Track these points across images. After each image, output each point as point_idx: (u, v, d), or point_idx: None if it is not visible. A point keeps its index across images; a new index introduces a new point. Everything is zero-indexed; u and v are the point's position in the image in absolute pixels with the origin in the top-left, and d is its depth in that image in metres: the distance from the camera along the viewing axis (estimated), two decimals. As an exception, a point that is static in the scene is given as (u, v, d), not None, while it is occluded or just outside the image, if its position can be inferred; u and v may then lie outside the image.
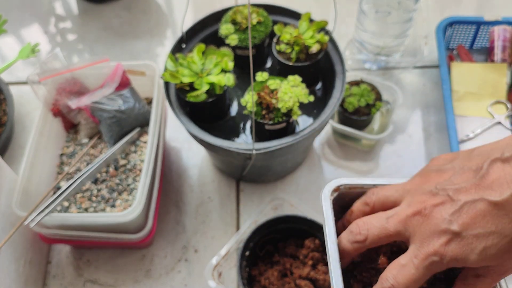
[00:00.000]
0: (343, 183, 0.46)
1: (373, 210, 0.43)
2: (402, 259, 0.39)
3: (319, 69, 0.81)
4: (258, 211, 0.76)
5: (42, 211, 0.68)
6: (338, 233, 0.44)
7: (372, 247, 0.42)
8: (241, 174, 0.83)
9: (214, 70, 0.74)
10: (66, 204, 0.74)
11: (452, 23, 0.97)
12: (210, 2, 1.15)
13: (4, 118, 0.91)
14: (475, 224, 0.36)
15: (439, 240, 0.37)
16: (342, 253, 0.43)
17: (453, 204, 0.37)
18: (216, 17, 0.83)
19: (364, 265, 0.46)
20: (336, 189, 0.46)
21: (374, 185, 0.45)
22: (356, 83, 0.89)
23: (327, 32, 0.80)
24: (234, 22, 0.81)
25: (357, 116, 0.86)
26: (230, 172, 0.87)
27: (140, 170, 0.77)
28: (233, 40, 0.79)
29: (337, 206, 0.46)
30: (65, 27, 1.14)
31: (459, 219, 0.37)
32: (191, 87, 0.74)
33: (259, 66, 0.86)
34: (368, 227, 0.42)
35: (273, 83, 0.73)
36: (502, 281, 0.43)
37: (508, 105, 0.88)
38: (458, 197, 0.37)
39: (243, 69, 0.85)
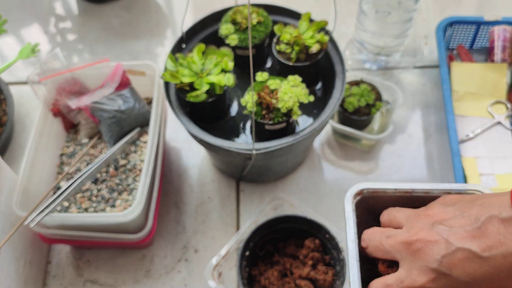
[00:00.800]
0: (365, 187, 0.49)
1: (383, 226, 0.48)
2: (389, 279, 0.43)
3: (319, 69, 0.81)
4: (258, 211, 0.76)
5: (42, 211, 0.68)
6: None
7: (371, 255, 0.46)
8: (241, 174, 0.83)
9: (214, 70, 0.74)
10: (66, 204, 0.74)
11: (452, 23, 0.97)
12: (210, 2, 1.15)
13: (4, 118, 0.91)
14: (463, 271, 0.39)
15: (426, 276, 0.41)
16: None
17: (446, 246, 0.40)
18: (216, 17, 0.83)
19: (366, 266, 0.47)
20: (359, 193, 0.49)
21: (396, 190, 0.48)
22: (356, 83, 0.89)
23: (327, 32, 0.80)
24: (234, 22, 0.81)
25: (357, 116, 0.86)
26: (230, 172, 0.87)
27: (140, 170, 0.77)
28: (233, 40, 0.79)
29: (361, 208, 0.49)
30: (65, 27, 1.14)
31: (449, 262, 0.40)
32: (191, 87, 0.74)
33: (259, 66, 0.86)
34: (370, 238, 0.46)
35: (273, 83, 0.73)
36: None
37: (508, 105, 0.88)
38: (452, 240, 0.40)
39: (243, 69, 0.85)
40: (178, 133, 0.93)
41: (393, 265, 0.45)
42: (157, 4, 1.17)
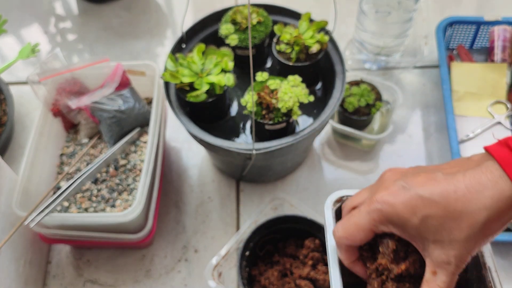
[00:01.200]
0: (345, 194, 0.49)
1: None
2: (353, 210, 0.43)
3: (319, 69, 0.81)
4: (258, 211, 0.76)
5: (42, 211, 0.68)
6: None
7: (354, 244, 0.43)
8: (241, 174, 0.83)
9: (214, 70, 0.74)
10: (66, 204, 0.74)
11: (452, 23, 0.97)
12: (210, 2, 1.15)
13: (4, 118, 0.91)
14: (423, 185, 0.38)
15: (387, 190, 0.40)
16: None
17: (414, 170, 0.41)
18: (216, 17, 0.83)
19: (348, 271, 0.48)
20: (339, 200, 0.49)
21: None
22: (356, 83, 0.89)
23: (327, 32, 0.80)
24: (234, 22, 0.81)
25: (357, 116, 0.86)
26: (230, 172, 0.87)
27: (140, 170, 0.77)
28: (233, 40, 0.79)
29: (341, 215, 0.48)
30: (65, 27, 1.14)
31: (409, 179, 0.39)
32: (191, 87, 0.74)
33: (259, 66, 0.86)
34: (342, 227, 0.44)
35: (273, 83, 0.73)
36: (496, 281, 0.43)
37: (508, 105, 0.88)
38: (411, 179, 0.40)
39: (243, 69, 0.85)
40: (178, 133, 0.93)
41: (374, 249, 0.44)
42: (157, 4, 1.17)
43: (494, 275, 0.43)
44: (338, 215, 0.48)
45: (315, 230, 0.71)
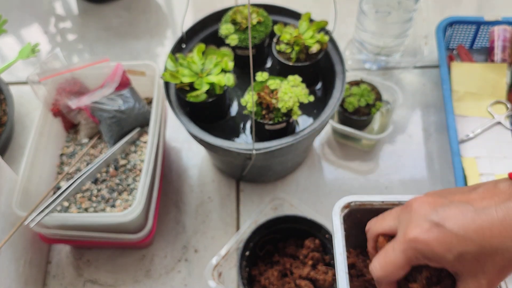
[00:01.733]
0: (353, 200, 0.49)
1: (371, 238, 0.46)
2: (387, 246, 0.42)
3: (319, 69, 0.81)
4: (258, 211, 0.76)
5: (42, 211, 0.68)
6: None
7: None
8: (241, 174, 0.83)
9: (214, 70, 0.74)
10: (66, 204, 0.74)
11: (452, 23, 0.97)
12: (210, 2, 1.15)
13: (4, 118, 0.91)
14: (456, 221, 0.38)
15: (419, 228, 0.39)
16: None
17: (442, 201, 0.40)
18: (216, 17, 0.83)
19: (355, 279, 0.48)
20: (347, 206, 0.49)
21: (383, 202, 0.48)
22: (356, 83, 0.89)
23: (327, 32, 0.80)
24: (234, 22, 0.81)
25: (357, 116, 0.86)
26: (230, 172, 0.87)
27: (140, 170, 0.77)
28: (233, 40, 0.79)
29: (349, 222, 0.49)
30: (65, 27, 1.14)
31: (440, 213, 0.39)
32: (191, 87, 0.74)
33: (259, 66, 0.86)
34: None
35: (273, 83, 0.73)
36: (502, 282, 0.43)
37: (508, 105, 0.88)
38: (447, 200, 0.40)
39: (243, 69, 0.85)
40: (178, 133, 0.93)
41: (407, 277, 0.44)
42: (157, 4, 1.17)
43: (503, 286, 0.44)
44: (346, 221, 0.48)
45: (315, 230, 0.71)
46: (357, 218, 0.50)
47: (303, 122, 0.80)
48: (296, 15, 0.83)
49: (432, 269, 0.42)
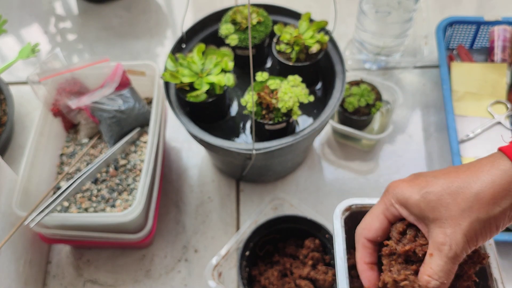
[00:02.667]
0: (354, 203, 0.49)
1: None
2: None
3: (319, 69, 0.81)
4: (258, 211, 0.76)
5: (42, 211, 0.68)
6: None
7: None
8: (241, 174, 0.83)
9: (214, 70, 0.74)
10: (66, 204, 0.74)
11: (452, 23, 0.97)
12: (210, 2, 1.15)
13: (4, 118, 0.91)
14: (433, 172, 0.41)
15: (398, 179, 0.43)
16: None
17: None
18: (216, 17, 0.83)
19: (356, 282, 0.48)
20: (348, 209, 0.49)
21: None
22: (356, 83, 0.89)
23: (327, 32, 0.80)
24: (234, 22, 0.81)
25: (357, 116, 0.86)
26: (230, 172, 0.87)
27: (140, 170, 0.77)
28: (233, 40, 0.79)
29: (350, 224, 0.49)
30: (65, 27, 1.14)
31: (420, 175, 0.42)
32: (191, 87, 0.74)
33: (259, 66, 0.86)
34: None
35: (273, 83, 0.73)
36: (499, 281, 0.43)
37: (508, 105, 0.88)
38: None
39: (243, 69, 0.85)
40: (178, 133, 0.93)
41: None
42: (157, 4, 1.17)
43: (500, 287, 0.44)
44: (348, 223, 0.48)
45: (315, 230, 0.71)
46: (358, 220, 0.50)
47: (303, 122, 0.80)
48: (296, 15, 0.83)
49: (410, 228, 0.42)
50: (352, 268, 0.53)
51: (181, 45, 0.81)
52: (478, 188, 0.37)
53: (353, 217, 0.49)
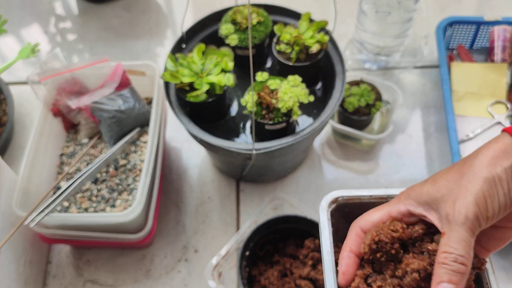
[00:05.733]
0: (340, 195, 0.48)
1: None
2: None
3: (319, 69, 0.81)
4: (258, 211, 0.76)
5: (42, 211, 0.68)
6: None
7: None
8: (241, 174, 0.83)
9: (214, 70, 0.74)
10: (66, 204, 0.74)
11: (452, 23, 0.97)
12: (210, 2, 1.15)
13: (4, 118, 0.91)
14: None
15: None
16: None
17: None
18: (216, 17, 0.83)
19: None
20: (334, 201, 0.48)
21: (371, 196, 0.48)
22: (356, 83, 0.89)
23: (327, 32, 0.80)
24: (234, 22, 0.81)
25: (357, 116, 0.86)
26: (230, 172, 0.87)
27: (140, 170, 0.77)
28: (233, 40, 0.79)
29: (336, 216, 0.48)
30: (65, 27, 1.14)
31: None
32: (191, 87, 0.74)
33: (259, 66, 0.86)
34: None
35: (273, 83, 0.73)
36: (493, 281, 0.43)
37: (508, 105, 0.88)
38: None
39: (243, 69, 0.85)
40: (178, 133, 0.93)
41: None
42: (157, 4, 1.17)
43: None
44: (334, 215, 0.47)
45: (315, 230, 0.71)
46: (345, 212, 0.49)
47: (303, 122, 0.80)
48: (296, 15, 0.83)
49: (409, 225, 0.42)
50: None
51: (181, 45, 0.82)
52: (480, 157, 0.39)
53: (340, 209, 0.48)
